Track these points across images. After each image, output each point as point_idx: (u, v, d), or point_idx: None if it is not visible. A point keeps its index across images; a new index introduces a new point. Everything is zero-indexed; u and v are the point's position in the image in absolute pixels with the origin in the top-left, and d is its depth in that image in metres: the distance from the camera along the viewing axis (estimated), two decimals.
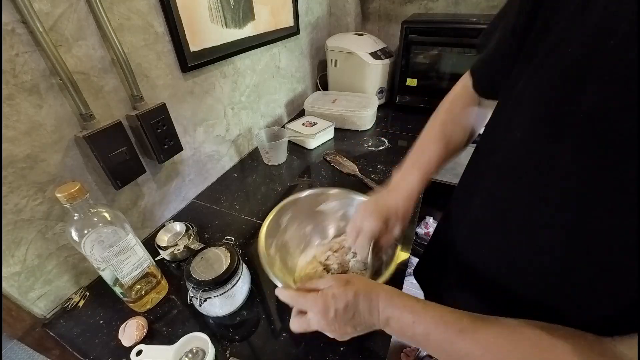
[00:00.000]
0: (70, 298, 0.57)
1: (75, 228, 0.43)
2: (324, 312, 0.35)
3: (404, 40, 1.12)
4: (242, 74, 0.90)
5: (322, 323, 0.36)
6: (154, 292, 0.55)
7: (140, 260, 0.51)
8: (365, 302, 0.35)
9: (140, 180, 0.65)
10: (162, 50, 0.64)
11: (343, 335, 0.37)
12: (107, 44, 0.53)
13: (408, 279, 1.49)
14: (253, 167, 0.95)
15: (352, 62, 1.20)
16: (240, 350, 0.48)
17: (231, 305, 0.52)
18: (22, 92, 0.45)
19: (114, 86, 0.57)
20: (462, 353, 0.30)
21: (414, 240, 0.79)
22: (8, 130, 0.44)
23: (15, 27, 0.42)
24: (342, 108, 1.10)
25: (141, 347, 0.47)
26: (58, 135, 0.50)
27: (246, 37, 0.85)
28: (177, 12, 0.63)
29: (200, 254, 0.52)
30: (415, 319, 0.33)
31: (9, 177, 0.46)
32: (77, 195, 0.41)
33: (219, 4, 0.73)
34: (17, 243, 0.49)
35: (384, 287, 0.37)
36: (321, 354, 0.47)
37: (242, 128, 0.96)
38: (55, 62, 0.46)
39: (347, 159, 0.93)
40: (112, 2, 0.53)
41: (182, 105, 0.72)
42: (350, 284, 0.37)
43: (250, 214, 0.76)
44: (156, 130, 0.62)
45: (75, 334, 0.52)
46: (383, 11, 1.39)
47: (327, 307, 0.35)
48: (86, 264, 0.58)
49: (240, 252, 0.54)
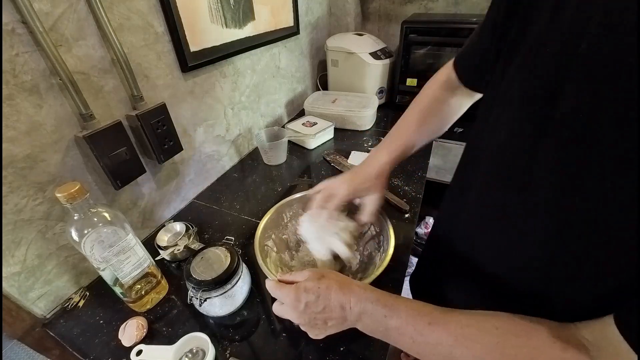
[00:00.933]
0: (70, 298, 0.57)
1: (75, 228, 0.43)
2: (295, 304, 0.37)
3: (404, 40, 1.12)
4: (242, 74, 0.90)
5: (293, 314, 0.38)
6: (154, 292, 0.55)
7: (140, 260, 0.51)
8: (337, 296, 0.36)
9: (140, 180, 0.65)
10: (162, 50, 0.64)
11: (313, 329, 0.38)
12: (107, 44, 0.53)
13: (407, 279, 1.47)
14: (253, 167, 0.95)
15: (352, 62, 1.20)
16: (240, 350, 0.48)
17: (231, 305, 0.52)
18: (22, 92, 0.45)
19: (114, 86, 0.57)
20: (433, 343, 0.30)
21: (414, 240, 0.79)
22: (8, 130, 0.44)
23: (15, 27, 0.42)
24: (342, 108, 1.10)
25: (141, 347, 0.47)
26: (58, 135, 0.50)
27: (246, 37, 0.85)
28: (177, 12, 0.63)
29: (200, 254, 0.52)
30: (387, 312, 0.33)
31: (9, 177, 0.46)
32: (77, 195, 0.41)
33: (219, 4, 0.73)
34: (17, 243, 0.49)
35: (357, 283, 0.38)
36: (321, 354, 0.47)
37: (242, 128, 0.96)
38: (55, 62, 0.46)
39: (347, 159, 0.93)
40: (112, 2, 0.53)
41: (182, 105, 0.72)
42: (325, 277, 0.38)
43: (250, 214, 0.76)
44: (156, 130, 0.62)
45: (75, 334, 0.52)
46: (383, 11, 1.39)
47: (299, 298, 0.36)
48: (86, 264, 0.58)
49: (240, 252, 0.54)
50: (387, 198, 0.75)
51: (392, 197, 0.75)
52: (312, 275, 0.38)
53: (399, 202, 0.73)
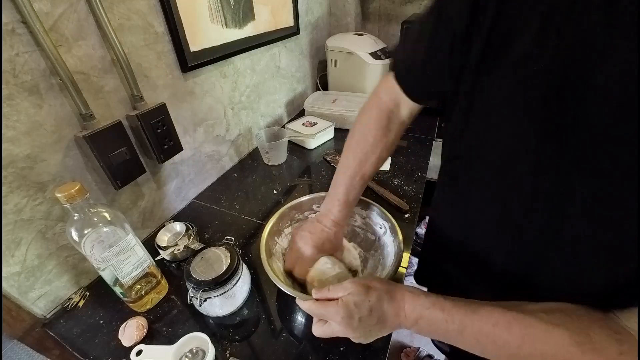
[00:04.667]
0: (70, 298, 0.57)
1: (75, 228, 0.43)
2: (348, 321, 0.35)
3: None
4: (242, 74, 0.90)
5: (347, 331, 0.36)
6: (154, 292, 0.55)
7: (140, 260, 0.51)
8: (390, 305, 0.36)
9: (140, 180, 0.65)
10: (162, 50, 0.64)
11: (368, 338, 0.37)
12: (107, 44, 0.53)
13: (408, 279, 1.48)
14: (253, 167, 0.95)
15: (352, 62, 1.20)
16: (240, 350, 0.48)
17: (231, 305, 0.52)
18: (22, 92, 0.45)
19: (114, 86, 0.56)
20: (500, 343, 0.31)
21: (413, 240, 0.79)
22: (8, 130, 0.44)
23: (15, 27, 0.42)
24: (342, 108, 1.10)
25: (141, 347, 0.47)
26: (58, 135, 0.50)
27: (246, 37, 0.85)
28: (177, 12, 0.63)
29: (200, 254, 0.52)
30: (447, 317, 0.33)
31: (9, 177, 0.46)
32: (77, 195, 0.41)
33: (219, 4, 0.73)
34: (17, 243, 0.49)
35: (407, 288, 0.37)
36: (321, 354, 0.47)
37: (242, 128, 0.96)
38: (55, 62, 0.46)
39: None
40: (112, 2, 0.53)
41: (182, 105, 0.72)
42: (372, 289, 0.36)
43: (250, 214, 0.76)
44: (156, 130, 0.62)
45: (75, 334, 0.52)
46: (383, 11, 1.39)
47: (351, 315, 0.35)
48: (86, 264, 0.58)
49: (240, 252, 0.54)
50: (387, 198, 0.75)
51: (392, 197, 0.75)
52: (357, 289, 0.36)
53: (399, 202, 0.73)
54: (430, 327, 0.34)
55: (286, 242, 0.59)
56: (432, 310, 0.34)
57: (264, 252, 0.50)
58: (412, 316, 0.35)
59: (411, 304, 0.35)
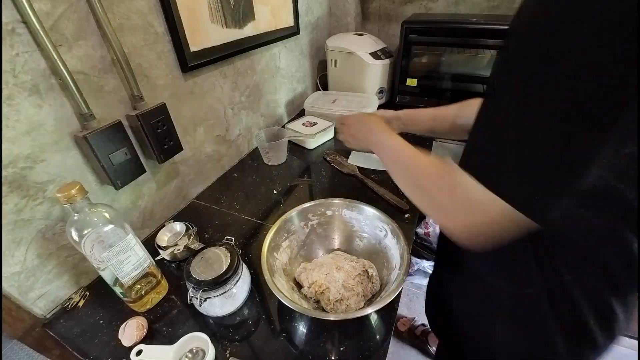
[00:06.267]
0: (70, 298, 0.57)
1: (75, 228, 0.43)
2: (349, 119, 0.66)
3: (404, 40, 1.12)
4: (242, 74, 0.90)
5: (352, 124, 0.64)
6: (154, 292, 0.55)
7: (140, 260, 0.51)
8: (369, 125, 0.59)
9: (140, 180, 0.65)
10: (162, 50, 0.64)
11: (348, 137, 0.65)
12: (107, 44, 0.53)
13: (408, 279, 1.48)
14: (253, 167, 0.95)
15: (352, 62, 1.20)
16: (240, 350, 0.48)
17: (231, 305, 0.52)
18: (22, 92, 0.45)
19: (114, 86, 0.56)
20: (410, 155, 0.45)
21: (414, 240, 0.79)
22: (8, 130, 0.44)
23: (15, 27, 0.42)
24: (342, 108, 1.09)
25: (141, 347, 0.47)
26: (58, 135, 0.50)
27: (246, 37, 0.85)
28: (177, 12, 0.63)
29: (200, 254, 0.52)
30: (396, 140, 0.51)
31: (9, 177, 0.46)
32: (77, 195, 0.41)
33: (219, 4, 0.73)
34: (17, 243, 0.49)
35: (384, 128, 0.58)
36: (321, 354, 0.47)
37: (242, 128, 0.96)
38: (55, 62, 0.46)
39: (347, 159, 0.93)
40: (112, 2, 0.53)
41: (182, 105, 0.72)
42: (366, 116, 0.64)
43: (250, 214, 0.76)
44: (156, 130, 0.62)
45: (75, 334, 0.52)
46: (383, 11, 1.39)
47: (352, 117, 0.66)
48: (86, 264, 0.58)
49: (240, 252, 0.54)
50: (387, 198, 0.75)
51: (392, 197, 0.75)
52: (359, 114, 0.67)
53: (399, 202, 0.73)
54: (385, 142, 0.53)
55: (285, 257, 0.58)
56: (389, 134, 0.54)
57: (267, 272, 0.49)
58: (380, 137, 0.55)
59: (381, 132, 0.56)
